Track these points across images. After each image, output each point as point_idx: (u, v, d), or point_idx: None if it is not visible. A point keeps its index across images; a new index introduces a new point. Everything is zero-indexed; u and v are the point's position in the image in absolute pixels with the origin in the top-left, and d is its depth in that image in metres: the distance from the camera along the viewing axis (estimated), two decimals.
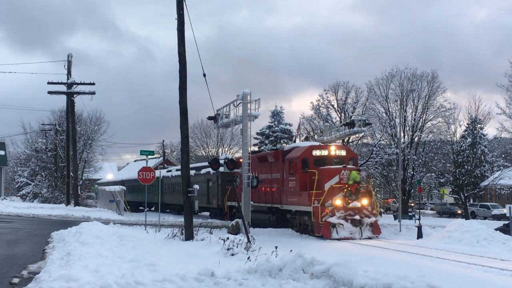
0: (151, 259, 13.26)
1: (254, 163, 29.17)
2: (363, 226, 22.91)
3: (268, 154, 29.75)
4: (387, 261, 15.66)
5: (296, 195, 25.16)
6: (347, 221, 22.83)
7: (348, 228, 22.76)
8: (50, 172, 56.76)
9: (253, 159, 29.51)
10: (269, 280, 10.35)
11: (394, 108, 50.23)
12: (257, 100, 26.24)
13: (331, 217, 22.78)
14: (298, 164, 25.19)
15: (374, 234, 23.13)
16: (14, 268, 12.77)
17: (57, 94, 41.66)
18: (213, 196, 38.65)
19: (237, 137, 41.62)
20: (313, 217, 23.27)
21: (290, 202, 25.95)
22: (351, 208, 23.18)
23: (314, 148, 25.80)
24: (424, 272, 11.22)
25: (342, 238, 22.37)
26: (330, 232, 22.52)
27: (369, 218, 23.18)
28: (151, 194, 47.64)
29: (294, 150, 26.58)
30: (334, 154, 25.62)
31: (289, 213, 26.43)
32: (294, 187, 25.39)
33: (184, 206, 20.51)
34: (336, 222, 22.65)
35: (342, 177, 23.76)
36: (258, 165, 29.91)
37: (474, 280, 13.11)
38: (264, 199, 29.13)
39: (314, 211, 23.18)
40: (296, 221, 25.80)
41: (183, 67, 20.23)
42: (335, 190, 23.45)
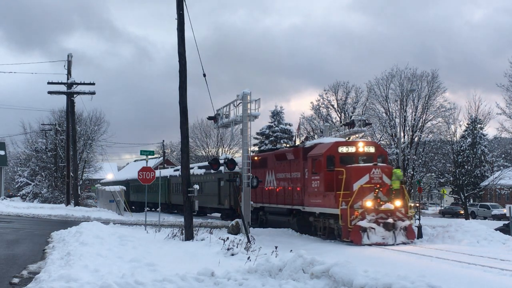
0: (151, 259, 13.26)
1: (271, 161, 28.48)
2: (397, 230, 20.78)
3: (287, 151, 27.50)
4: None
5: (321, 196, 23.00)
6: (379, 225, 20.66)
7: (380, 233, 20.62)
8: (50, 172, 56.76)
9: (270, 157, 28.78)
10: (269, 280, 10.35)
11: (394, 108, 50.25)
12: (257, 100, 26.22)
13: (361, 220, 20.66)
14: (323, 162, 22.93)
15: (409, 239, 20.91)
16: (14, 268, 12.78)
17: (57, 94, 41.68)
18: (224, 197, 36.78)
19: (237, 137, 41.62)
20: (340, 221, 21.14)
21: (313, 204, 23.70)
22: (383, 210, 21.01)
23: (340, 144, 23.60)
24: (423, 272, 11.24)
25: (373, 243, 20.25)
26: (361, 237, 20.37)
27: (403, 222, 21.02)
28: (155, 194, 46.78)
29: (318, 146, 24.31)
30: (362, 151, 23.39)
31: (312, 216, 24.26)
32: (318, 187, 23.22)
33: (184, 206, 20.53)
34: (367, 226, 20.51)
35: (372, 176, 21.67)
36: (276, 164, 28.15)
37: (474, 280, 13.11)
38: (283, 200, 27.02)
39: (342, 213, 21.05)
40: (320, 225, 23.64)
41: (183, 67, 20.23)
42: (365, 191, 21.30)
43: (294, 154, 26.10)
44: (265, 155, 29.97)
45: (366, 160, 23.17)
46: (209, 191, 38.76)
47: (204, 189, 38.88)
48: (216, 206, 38.41)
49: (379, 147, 25.54)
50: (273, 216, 27.83)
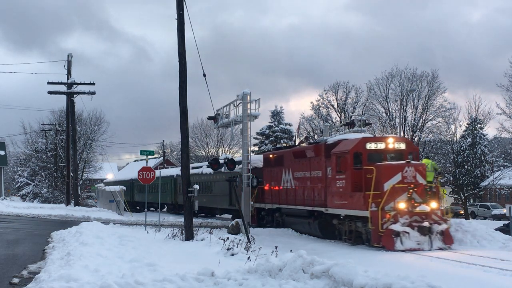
0: (151, 259, 13.26)
1: (288, 159, 26.91)
2: (433, 234, 18.94)
3: (307, 148, 25.57)
4: None
5: (347, 197, 21.13)
6: (413, 229, 18.81)
7: (414, 237, 18.76)
8: (50, 172, 56.78)
9: (288, 154, 27.13)
10: (269, 280, 10.35)
11: (394, 108, 50.30)
12: (257, 100, 26.25)
13: (394, 223, 18.80)
14: (349, 159, 21.13)
15: (446, 244, 19.00)
16: (14, 268, 12.78)
17: (57, 94, 41.69)
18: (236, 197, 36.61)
19: (237, 137, 41.61)
20: (370, 224, 19.21)
21: (338, 205, 21.77)
22: (417, 212, 19.14)
23: (368, 140, 21.72)
24: (423, 272, 11.23)
25: (407, 249, 18.36)
26: (393, 242, 18.46)
27: (440, 225, 19.15)
28: (163, 194, 45.47)
29: (343, 143, 22.44)
30: (392, 147, 21.49)
31: (336, 219, 22.32)
32: (344, 187, 21.36)
33: (184, 206, 20.53)
34: (400, 230, 18.64)
35: (405, 175, 19.81)
36: (293, 162, 26.34)
37: (474, 280, 13.11)
38: (303, 201, 25.09)
39: (371, 216, 19.14)
40: (345, 228, 21.69)
41: (183, 67, 20.24)
42: (397, 191, 19.48)
43: (314, 151, 24.32)
44: (281, 153, 28.35)
45: (395, 158, 21.45)
46: (218, 191, 36.91)
47: (214, 189, 37.61)
48: (227, 207, 36.32)
49: (410, 143, 23.42)
50: (291, 218, 26.29)
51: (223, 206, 36.48)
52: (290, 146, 29.98)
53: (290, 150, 27.19)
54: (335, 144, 22.84)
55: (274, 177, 28.34)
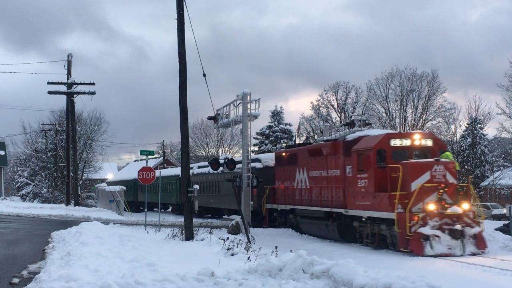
0: (151, 259, 13.27)
1: (302, 157, 25.62)
2: (465, 238, 17.53)
3: (323, 146, 24.07)
4: None
5: (369, 198, 19.73)
6: (443, 232, 17.42)
7: (445, 241, 17.32)
8: (50, 172, 56.79)
9: (302, 152, 25.84)
10: (269, 280, 10.35)
11: (394, 108, 50.31)
12: (257, 100, 26.25)
13: (423, 226, 17.45)
14: (372, 157, 19.76)
15: (479, 249, 17.54)
16: (14, 268, 12.78)
17: (57, 94, 41.72)
18: None
19: (237, 137, 41.51)
20: (396, 227, 17.84)
21: (359, 207, 20.39)
22: (448, 214, 17.76)
23: (392, 136, 20.34)
24: (423, 272, 11.23)
25: (438, 254, 17.00)
26: (423, 246, 17.10)
27: (472, 228, 17.77)
28: (165, 194, 44.69)
29: (364, 139, 21.05)
30: (418, 144, 20.03)
31: (356, 221, 20.90)
32: (366, 187, 19.99)
33: (184, 206, 20.51)
34: (430, 233, 17.28)
35: (434, 174, 18.36)
36: (308, 160, 25.00)
37: (474, 280, 13.11)
38: (319, 202, 23.70)
39: (398, 218, 17.77)
40: (367, 231, 20.28)
41: (183, 67, 20.23)
42: (426, 191, 18.09)
43: (332, 149, 22.98)
44: (295, 151, 27.12)
45: (420, 155, 19.96)
46: (228, 191, 34.75)
47: (222, 188, 35.89)
48: (236, 207, 35.70)
49: (438, 140, 21.78)
50: (306, 220, 24.85)
51: (231, 206, 34.87)
52: (304, 144, 28.34)
53: (305, 148, 25.91)
54: (355, 141, 21.46)
55: (287, 176, 27.23)
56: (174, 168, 54.62)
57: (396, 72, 50.64)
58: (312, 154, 24.80)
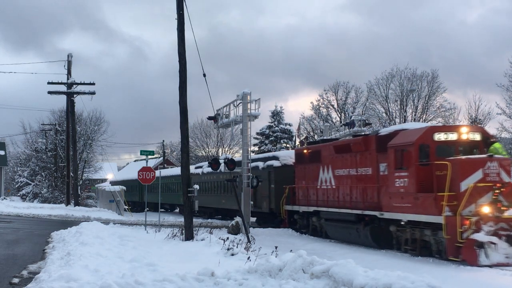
0: (151, 259, 13.28)
1: (327, 154, 23.65)
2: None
3: (353, 141, 22.00)
4: None
5: (410, 199, 17.56)
6: (500, 239, 15.21)
7: (503, 249, 15.09)
8: (50, 172, 56.80)
9: (326, 149, 23.81)
10: (269, 280, 10.35)
11: (394, 108, 50.31)
12: (257, 100, 26.24)
13: (476, 232, 15.25)
14: (413, 153, 17.56)
15: None
16: (14, 268, 12.79)
17: (57, 94, 41.76)
18: (263, 198, 30.40)
19: (237, 137, 41.47)
20: (444, 232, 15.72)
21: (397, 209, 18.20)
22: (505, 218, 15.46)
23: (436, 130, 18.05)
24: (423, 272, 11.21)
25: (494, 264, 14.83)
26: (476, 255, 14.93)
27: None
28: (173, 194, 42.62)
29: (402, 133, 18.90)
30: (466, 138, 17.75)
31: (393, 225, 18.74)
32: (406, 187, 17.85)
33: (184, 206, 20.51)
34: (485, 240, 15.06)
35: (487, 172, 16.17)
36: (334, 157, 23.01)
37: (474, 280, 13.12)
38: (348, 203, 21.65)
39: (447, 223, 15.65)
40: (406, 236, 18.07)
41: (183, 67, 20.24)
42: (479, 192, 15.95)
43: (363, 145, 20.99)
44: (318, 147, 24.90)
45: (467, 151, 17.71)
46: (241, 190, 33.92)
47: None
48: (251, 209, 33.34)
49: (487, 133, 19.20)
50: (333, 223, 22.69)
51: None
52: (328, 140, 26.25)
53: (330, 144, 23.78)
54: (391, 135, 19.37)
55: (309, 175, 25.16)
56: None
57: (396, 72, 50.67)
58: (338, 150, 22.80)
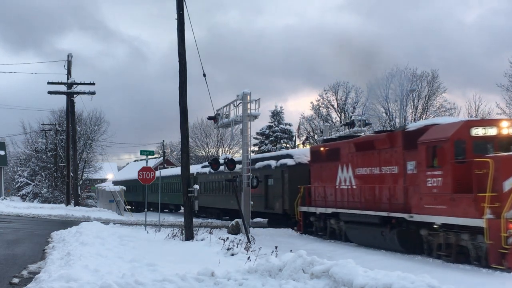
0: (151, 259, 13.27)
1: (346, 152, 22.24)
2: None
3: (376, 138, 20.62)
4: None
5: (445, 200, 16.01)
6: None
7: None
8: (50, 172, 56.78)
9: (346, 146, 22.46)
10: (269, 280, 10.35)
11: (394, 108, 50.30)
12: (257, 100, 26.23)
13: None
14: (448, 150, 16.10)
15: None
16: (14, 268, 12.79)
17: (57, 94, 41.75)
18: (275, 198, 28.75)
19: (237, 137, 41.48)
20: (486, 237, 14.32)
21: (429, 211, 16.64)
22: None
23: (473, 124, 16.55)
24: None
25: None
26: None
27: None
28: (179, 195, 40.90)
29: (434, 129, 17.39)
30: (506, 134, 16.25)
31: (424, 228, 17.14)
32: (440, 187, 16.33)
33: (184, 206, 20.51)
34: None
35: None
36: (355, 155, 21.64)
37: (474, 280, 13.12)
38: (371, 205, 20.12)
39: (489, 226, 14.24)
40: (439, 241, 16.49)
41: (183, 67, 20.25)
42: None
43: (387, 142, 19.56)
44: (336, 145, 23.54)
45: (506, 147, 16.15)
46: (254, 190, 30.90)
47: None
48: (262, 210, 30.29)
49: None
50: (354, 226, 21.13)
51: (257, 208, 29.93)
52: (347, 137, 24.92)
53: (350, 142, 22.31)
54: (421, 131, 17.89)
55: (326, 174, 23.78)
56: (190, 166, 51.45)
57: (396, 72, 50.64)
58: (360, 148, 21.39)
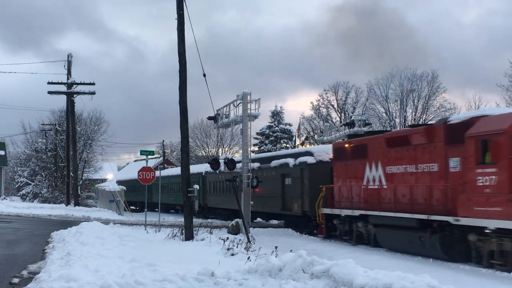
0: (151, 259, 13.26)
1: (376, 148, 20.28)
2: None
3: (411, 133, 18.70)
4: None
5: (500, 201, 14.14)
6: None
7: None
8: (50, 172, 56.78)
9: (375, 143, 20.47)
10: (269, 280, 10.34)
11: (394, 108, 50.31)
12: (257, 100, 26.25)
13: None
14: (504, 143, 14.26)
15: None
16: (14, 268, 12.78)
17: (57, 94, 41.75)
18: (293, 199, 26.43)
19: (237, 137, 41.43)
20: None
21: (481, 214, 14.73)
22: None
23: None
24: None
25: None
26: None
27: None
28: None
29: (484, 120, 15.64)
30: None
31: (473, 233, 15.29)
32: (495, 186, 14.42)
33: (184, 206, 20.50)
34: None
35: None
36: (385, 152, 19.75)
37: (474, 280, 13.13)
38: (409, 207, 18.08)
39: None
40: (492, 248, 14.65)
41: (183, 67, 20.25)
42: None
43: (426, 136, 17.69)
44: (363, 141, 21.59)
45: None
46: (266, 190, 28.70)
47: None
48: (278, 211, 28.29)
49: None
50: (386, 230, 19.09)
51: (273, 209, 27.93)
52: (375, 132, 22.85)
53: (381, 137, 20.29)
54: (468, 123, 16.04)
55: (351, 173, 21.95)
56: (197, 165, 49.81)
57: (396, 72, 50.69)
58: (392, 144, 19.46)
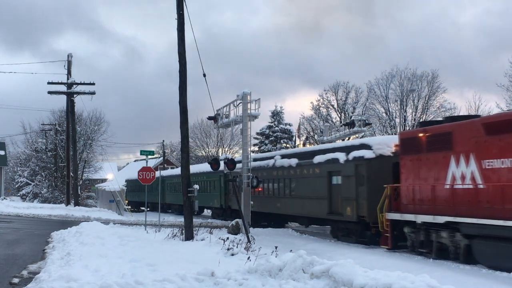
0: (151, 259, 13.26)
1: (467, 137, 15.82)
2: None
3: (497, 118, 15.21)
4: None
5: None
6: None
7: None
8: (50, 172, 56.80)
9: (466, 129, 15.94)
10: (269, 280, 10.34)
11: (394, 108, 50.31)
12: (257, 100, 26.20)
13: None
14: None
15: None
16: (14, 268, 12.79)
17: (57, 94, 41.76)
18: (344, 201, 21.77)
19: (237, 137, 41.39)
20: None
21: None
22: None
23: None
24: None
25: None
26: None
27: None
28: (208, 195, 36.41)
29: None
30: None
31: None
32: None
33: (184, 206, 20.49)
34: None
35: None
36: (482, 141, 15.35)
37: (474, 280, 13.13)
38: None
39: None
40: None
41: (183, 67, 20.25)
42: None
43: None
44: (446, 128, 16.83)
45: None
46: (307, 191, 25.16)
47: (296, 188, 26.17)
48: (323, 216, 23.70)
49: None
50: (489, 244, 14.64)
51: (315, 213, 24.18)
52: (466, 117, 17.52)
53: (475, 122, 15.85)
54: None
55: (427, 169, 17.34)
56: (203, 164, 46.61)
57: (396, 72, 50.70)
58: (493, 130, 14.91)
